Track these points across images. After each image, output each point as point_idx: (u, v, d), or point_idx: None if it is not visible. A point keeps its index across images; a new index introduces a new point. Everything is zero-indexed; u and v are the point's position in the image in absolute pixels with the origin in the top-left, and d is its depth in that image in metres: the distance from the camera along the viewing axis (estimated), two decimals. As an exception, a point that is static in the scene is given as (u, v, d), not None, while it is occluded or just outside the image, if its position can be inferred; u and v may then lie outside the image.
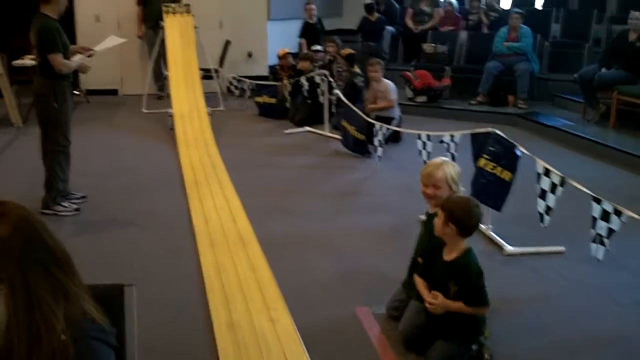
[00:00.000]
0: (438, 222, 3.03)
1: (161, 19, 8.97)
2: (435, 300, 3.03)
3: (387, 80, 7.59)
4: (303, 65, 8.63)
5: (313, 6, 10.13)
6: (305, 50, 9.51)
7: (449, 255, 3.06)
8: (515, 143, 4.47)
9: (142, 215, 5.21)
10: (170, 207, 5.38)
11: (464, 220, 2.96)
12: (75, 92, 10.05)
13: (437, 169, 3.29)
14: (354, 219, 5.14)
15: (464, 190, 3.43)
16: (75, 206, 5.27)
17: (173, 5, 9.30)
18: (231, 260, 4.22)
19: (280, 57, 9.46)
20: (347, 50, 8.59)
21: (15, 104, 8.22)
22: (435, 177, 3.27)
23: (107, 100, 9.94)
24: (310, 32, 10.10)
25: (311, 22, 10.15)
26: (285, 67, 9.29)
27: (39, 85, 5.04)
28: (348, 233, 4.85)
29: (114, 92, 10.41)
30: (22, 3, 11.14)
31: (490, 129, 4.72)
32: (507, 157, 4.45)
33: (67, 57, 5.04)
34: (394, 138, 7.22)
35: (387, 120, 7.01)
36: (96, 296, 1.53)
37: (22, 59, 8.50)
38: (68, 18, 10.03)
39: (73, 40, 9.88)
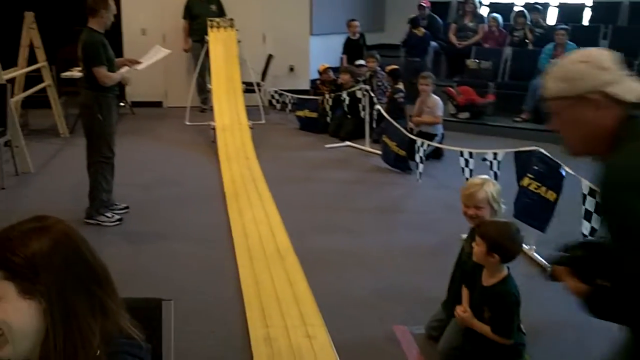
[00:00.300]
0: (477, 249, 2.96)
1: (207, 32, 9.08)
2: (463, 314, 2.99)
3: (435, 96, 7.52)
4: (343, 78, 8.61)
5: (356, 23, 10.13)
6: (345, 65, 9.51)
7: (487, 280, 3.00)
8: (561, 162, 4.38)
9: (183, 227, 5.25)
10: (210, 220, 5.41)
11: (508, 249, 2.90)
12: (120, 104, 10.24)
13: (479, 189, 3.23)
14: (394, 236, 5.10)
15: (505, 208, 3.37)
16: (117, 217, 5.33)
17: (217, 19, 9.40)
18: (269, 275, 4.21)
19: (320, 73, 9.49)
20: (392, 66, 8.55)
21: (62, 114, 8.39)
22: (477, 198, 3.21)
23: (151, 112, 10.08)
24: (353, 48, 10.11)
25: (354, 38, 10.16)
26: (326, 82, 9.32)
27: (84, 98, 5.14)
28: (387, 250, 4.81)
29: (158, 104, 10.55)
30: (71, 16, 11.42)
31: (534, 148, 4.64)
32: (552, 176, 4.37)
33: (112, 71, 5.12)
34: (435, 154, 7.16)
35: (430, 137, 6.97)
36: (133, 310, 1.53)
37: (71, 70, 8.67)
38: (115, 31, 10.25)
39: (120, 54, 10.09)
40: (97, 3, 5.00)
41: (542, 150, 4.56)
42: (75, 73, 8.57)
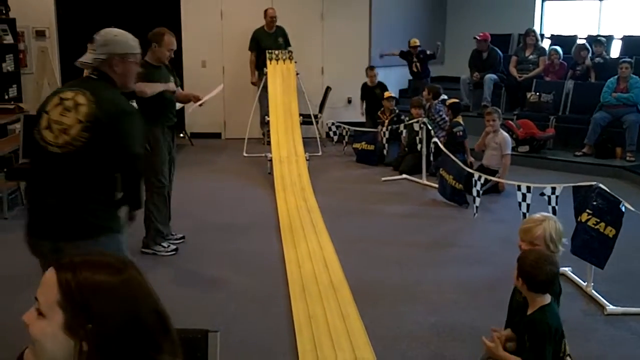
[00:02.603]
0: (514, 273, 2.93)
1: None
2: (491, 343, 2.90)
3: (504, 133, 7.42)
4: (415, 112, 8.44)
5: (375, 72, 9.96)
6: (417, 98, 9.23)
7: (530, 309, 2.93)
8: (621, 198, 4.25)
9: (237, 258, 5.28)
10: (264, 251, 5.43)
11: (532, 276, 2.83)
12: (180, 135, 10.45)
13: (537, 225, 3.14)
14: (448, 270, 5.01)
15: (564, 250, 3.26)
16: (173, 247, 5.40)
17: (276, 51, 9.53)
18: (322, 308, 4.18)
19: (384, 99, 9.45)
20: (452, 100, 8.48)
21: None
22: (533, 234, 3.13)
23: (210, 144, 10.24)
24: (370, 95, 9.96)
25: (371, 85, 9.93)
26: (387, 110, 9.24)
27: None
28: (443, 285, 4.72)
29: (217, 135, 10.72)
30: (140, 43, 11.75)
31: (593, 183, 4.52)
32: (611, 212, 4.24)
33: (169, 100, 5.27)
34: (495, 188, 7.05)
35: (493, 173, 6.87)
36: (180, 340, 1.50)
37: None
38: (176, 64, 10.51)
39: (180, 85, 10.34)
40: (152, 36, 5.19)
41: (602, 186, 4.43)
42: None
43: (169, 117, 5.35)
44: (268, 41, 9.82)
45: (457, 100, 8.51)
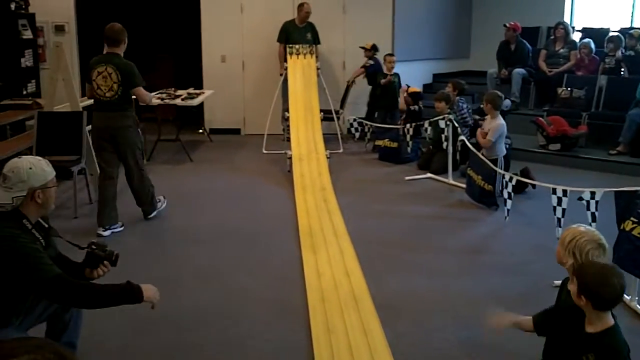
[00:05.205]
0: (572, 288, 2.63)
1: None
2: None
3: (501, 120, 7.02)
4: (438, 106, 8.09)
5: (393, 57, 9.58)
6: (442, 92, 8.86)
7: (591, 327, 2.62)
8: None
9: (254, 262, 5.02)
10: (282, 255, 5.16)
11: (598, 294, 2.53)
12: (199, 131, 10.24)
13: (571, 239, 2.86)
14: (479, 280, 4.68)
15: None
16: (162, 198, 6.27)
17: (297, 46, 9.25)
18: (342, 321, 3.89)
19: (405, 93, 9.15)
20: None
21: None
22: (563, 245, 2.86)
23: (229, 140, 9.99)
24: (385, 87, 9.59)
25: (387, 72, 9.61)
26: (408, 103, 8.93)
27: (123, 120, 5.69)
28: (472, 296, 4.40)
29: (236, 131, 10.47)
30: (151, 44, 11.56)
31: (639, 188, 4.17)
32: (660, 220, 3.90)
33: None
34: (517, 188, 6.65)
35: (493, 161, 6.49)
36: None
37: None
38: (195, 58, 10.28)
39: (200, 80, 10.13)
40: (120, 34, 5.62)
41: (649, 191, 4.09)
42: (154, 100, 8.58)
43: None
44: (297, 35, 9.56)
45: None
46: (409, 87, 9.38)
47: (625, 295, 4.19)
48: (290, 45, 9.24)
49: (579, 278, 2.58)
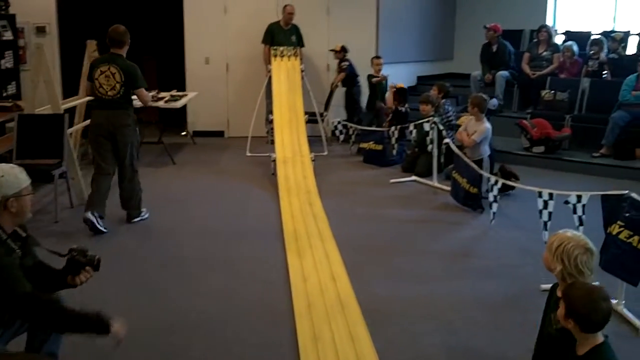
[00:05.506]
0: (559, 311, 2.61)
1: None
2: None
3: (487, 124, 6.98)
4: (424, 108, 8.09)
5: (380, 60, 9.66)
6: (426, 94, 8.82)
7: (580, 349, 2.59)
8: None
9: (239, 266, 4.97)
10: (268, 259, 5.11)
11: (586, 317, 2.50)
12: (182, 133, 10.14)
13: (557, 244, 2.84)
14: (466, 285, 4.65)
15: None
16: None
17: (281, 48, 9.21)
18: (329, 328, 3.84)
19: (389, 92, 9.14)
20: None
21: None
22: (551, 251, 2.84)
23: (212, 142, 9.92)
24: (373, 89, 9.69)
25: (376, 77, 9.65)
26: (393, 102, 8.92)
27: (123, 119, 5.78)
28: (459, 301, 4.37)
29: (220, 133, 10.39)
30: (134, 45, 11.45)
31: (625, 192, 4.16)
32: (646, 225, 3.89)
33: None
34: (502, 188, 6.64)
35: (478, 162, 6.49)
36: None
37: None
38: (179, 60, 10.19)
39: (183, 82, 10.03)
40: (124, 35, 5.79)
41: (635, 195, 4.08)
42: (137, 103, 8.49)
43: None
44: (282, 37, 9.53)
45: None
46: (395, 85, 9.33)
47: (612, 300, 4.19)
48: (275, 48, 9.20)
49: (566, 301, 2.56)
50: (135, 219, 5.98)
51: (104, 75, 5.70)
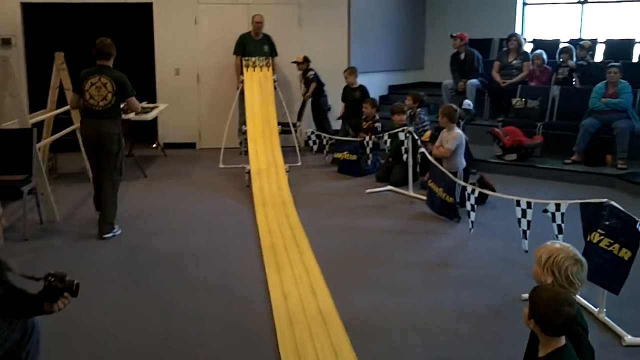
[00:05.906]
0: (524, 312, 2.58)
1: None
2: None
3: (459, 131, 6.90)
4: (398, 118, 8.10)
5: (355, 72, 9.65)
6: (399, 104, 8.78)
7: (542, 350, 2.57)
8: (637, 218, 3.90)
9: (215, 283, 4.85)
10: (245, 274, 5.01)
11: (548, 320, 2.48)
12: (152, 145, 10.00)
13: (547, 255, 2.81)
14: (446, 296, 4.62)
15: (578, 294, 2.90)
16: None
17: (253, 59, 9.16)
18: (312, 345, 3.77)
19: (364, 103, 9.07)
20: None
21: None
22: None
23: (184, 154, 9.80)
24: (349, 97, 9.59)
25: (352, 87, 9.55)
26: (368, 116, 8.88)
27: (110, 127, 5.83)
28: (439, 312, 4.33)
29: (192, 145, 10.28)
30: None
31: (605, 200, 4.17)
32: (626, 233, 3.90)
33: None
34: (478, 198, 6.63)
35: (453, 174, 6.47)
36: None
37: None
38: (149, 71, 10.05)
39: (153, 93, 9.90)
40: (110, 48, 5.90)
41: (614, 203, 4.09)
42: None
43: None
44: (253, 47, 9.48)
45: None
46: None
47: (594, 308, 4.20)
48: (247, 58, 9.14)
49: (530, 301, 2.54)
50: (107, 235, 5.84)
51: (94, 86, 5.77)
